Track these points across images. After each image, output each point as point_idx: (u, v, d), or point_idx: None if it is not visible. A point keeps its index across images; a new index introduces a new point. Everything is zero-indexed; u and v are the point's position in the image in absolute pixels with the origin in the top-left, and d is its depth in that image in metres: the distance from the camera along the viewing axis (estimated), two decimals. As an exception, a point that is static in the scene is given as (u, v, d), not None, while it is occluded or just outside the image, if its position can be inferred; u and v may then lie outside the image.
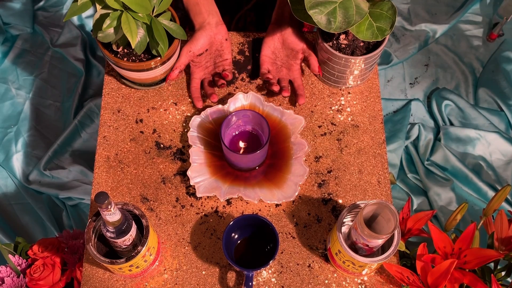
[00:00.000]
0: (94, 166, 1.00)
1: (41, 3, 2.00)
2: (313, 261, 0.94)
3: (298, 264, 0.94)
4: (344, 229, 0.87)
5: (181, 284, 0.92)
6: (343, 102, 1.06)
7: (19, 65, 1.90)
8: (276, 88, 1.01)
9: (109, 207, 0.74)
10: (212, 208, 0.98)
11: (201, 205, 0.98)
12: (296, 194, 0.95)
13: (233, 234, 0.92)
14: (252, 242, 0.94)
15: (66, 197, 1.67)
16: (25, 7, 1.96)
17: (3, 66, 1.89)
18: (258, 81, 1.08)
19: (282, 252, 0.95)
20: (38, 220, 1.66)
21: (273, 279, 0.93)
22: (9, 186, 1.70)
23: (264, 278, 0.93)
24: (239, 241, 0.94)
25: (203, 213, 0.97)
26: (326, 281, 0.93)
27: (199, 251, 0.95)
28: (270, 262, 0.86)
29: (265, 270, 0.94)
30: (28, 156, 1.74)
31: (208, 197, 0.98)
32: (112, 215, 0.76)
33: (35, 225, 1.65)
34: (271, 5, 1.06)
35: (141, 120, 1.04)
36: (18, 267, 1.16)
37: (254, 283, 0.92)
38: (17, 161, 1.73)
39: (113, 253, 0.89)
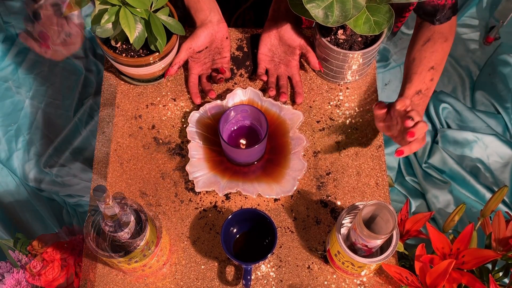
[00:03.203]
0: (93, 162, 1.01)
1: (41, 2, 2.00)
2: (312, 263, 0.94)
3: (297, 266, 0.94)
4: (343, 230, 0.87)
5: (180, 278, 0.93)
6: (341, 98, 1.07)
7: (19, 64, 1.90)
8: (272, 93, 1.03)
9: (108, 200, 0.74)
10: (210, 203, 0.98)
11: (200, 200, 0.98)
12: (295, 188, 0.95)
13: (231, 228, 0.92)
14: (251, 236, 0.94)
15: (66, 195, 1.67)
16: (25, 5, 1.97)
17: (3, 64, 1.89)
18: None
19: (280, 247, 0.95)
20: (38, 218, 1.66)
21: (271, 273, 0.93)
22: (10, 184, 1.71)
23: (263, 272, 0.93)
24: (237, 236, 0.94)
25: (202, 208, 0.97)
26: (326, 282, 0.93)
27: (198, 246, 0.95)
28: (269, 256, 0.86)
29: (263, 264, 0.94)
30: (29, 154, 1.74)
31: (207, 192, 0.98)
32: (111, 209, 0.77)
33: (36, 223, 1.65)
34: (270, 3, 1.07)
35: (140, 116, 1.05)
36: (18, 263, 1.16)
37: (252, 277, 0.92)
38: (17, 159, 1.73)
39: (112, 247, 0.89)
